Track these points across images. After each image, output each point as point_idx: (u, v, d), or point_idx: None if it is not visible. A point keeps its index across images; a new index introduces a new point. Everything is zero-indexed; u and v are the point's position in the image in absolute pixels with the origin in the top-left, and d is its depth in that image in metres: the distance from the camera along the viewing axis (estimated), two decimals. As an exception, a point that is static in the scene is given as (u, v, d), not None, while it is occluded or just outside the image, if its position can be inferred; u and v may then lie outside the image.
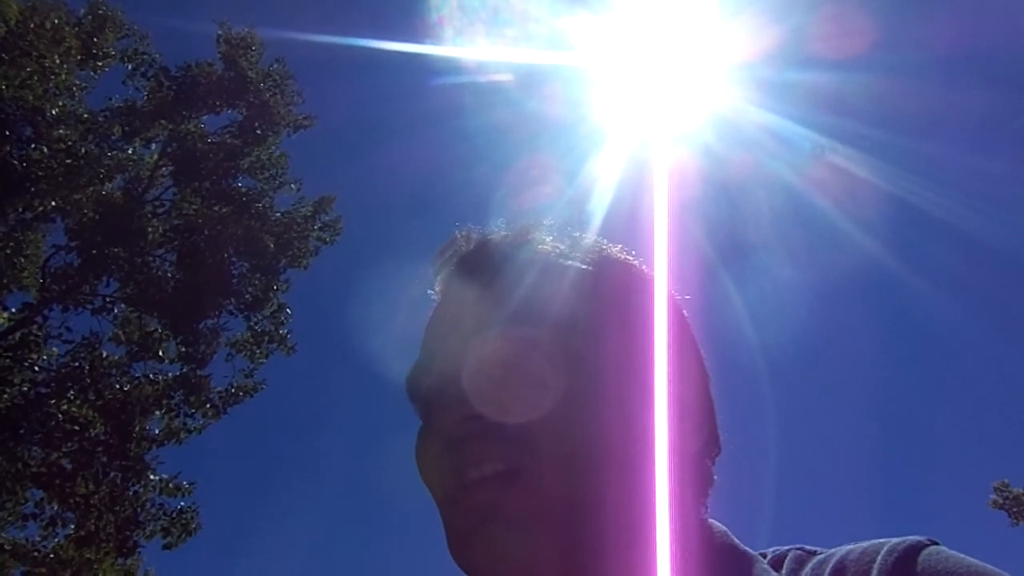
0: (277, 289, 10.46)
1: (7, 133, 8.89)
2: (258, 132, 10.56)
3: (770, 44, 8.93)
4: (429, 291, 0.71)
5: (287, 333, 10.55)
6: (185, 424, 9.73)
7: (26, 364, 9.08)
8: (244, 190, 10.55)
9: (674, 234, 0.76)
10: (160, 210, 10.32)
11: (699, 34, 8.60)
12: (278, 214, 10.64)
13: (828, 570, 0.54)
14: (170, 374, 9.87)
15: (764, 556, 0.61)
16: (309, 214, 10.79)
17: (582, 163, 8.50)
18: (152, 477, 9.23)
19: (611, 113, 9.24)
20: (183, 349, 9.86)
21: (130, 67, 10.51)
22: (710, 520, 0.64)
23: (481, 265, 0.67)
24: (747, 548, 0.61)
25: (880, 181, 10.21)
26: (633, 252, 0.72)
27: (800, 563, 0.58)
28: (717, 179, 9.99)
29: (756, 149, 9.65)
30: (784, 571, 0.58)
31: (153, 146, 10.62)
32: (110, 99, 10.46)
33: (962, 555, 0.51)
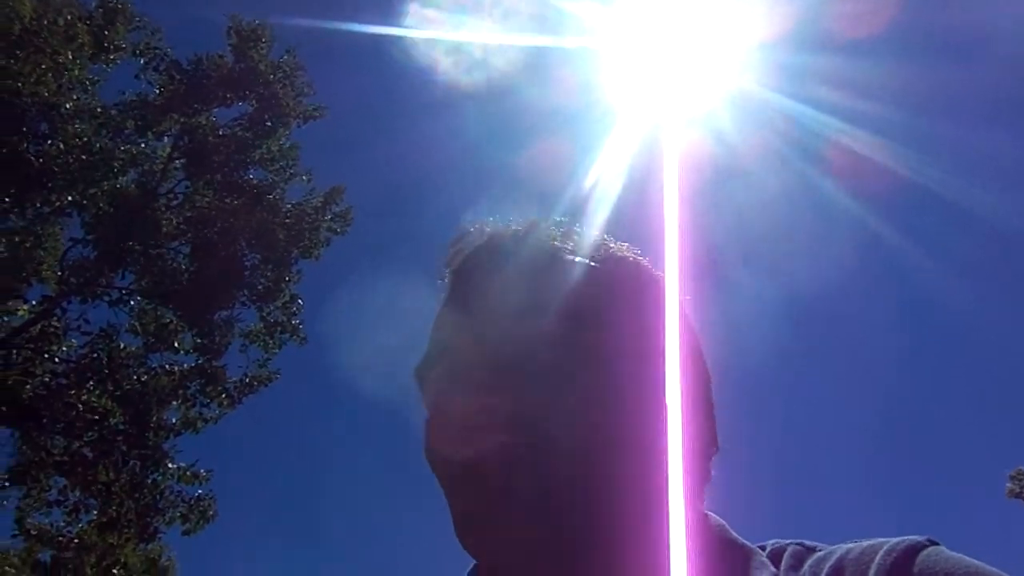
0: (289, 280, 10.49)
1: (24, 129, 9.00)
2: (268, 124, 10.55)
3: (785, 25, 8.83)
4: (439, 282, 0.72)
5: (299, 323, 10.62)
6: (201, 413, 9.83)
7: (47, 356, 9.24)
8: (255, 182, 10.57)
9: (685, 219, 0.75)
10: (173, 203, 10.37)
11: (712, 15, 8.51)
12: (289, 205, 10.64)
13: (827, 569, 0.54)
14: (186, 365, 9.98)
15: (763, 549, 0.61)
16: (320, 205, 10.80)
17: (593, 147, 8.47)
18: (170, 465, 9.34)
19: (621, 96, 9.17)
20: (198, 340, 9.95)
21: (142, 61, 10.52)
22: (708, 513, 0.64)
23: (491, 257, 0.67)
24: (745, 541, 0.62)
25: (897, 166, 10.10)
26: (639, 250, 0.72)
27: (799, 559, 0.58)
28: (729, 163, 9.93)
29: (770, 132, 9.58)
30: (783, 566, 0.58)
31: (165, 139, 10.63)
32: (123, 93, 10.47)
33: (961, 556, 0.51)
